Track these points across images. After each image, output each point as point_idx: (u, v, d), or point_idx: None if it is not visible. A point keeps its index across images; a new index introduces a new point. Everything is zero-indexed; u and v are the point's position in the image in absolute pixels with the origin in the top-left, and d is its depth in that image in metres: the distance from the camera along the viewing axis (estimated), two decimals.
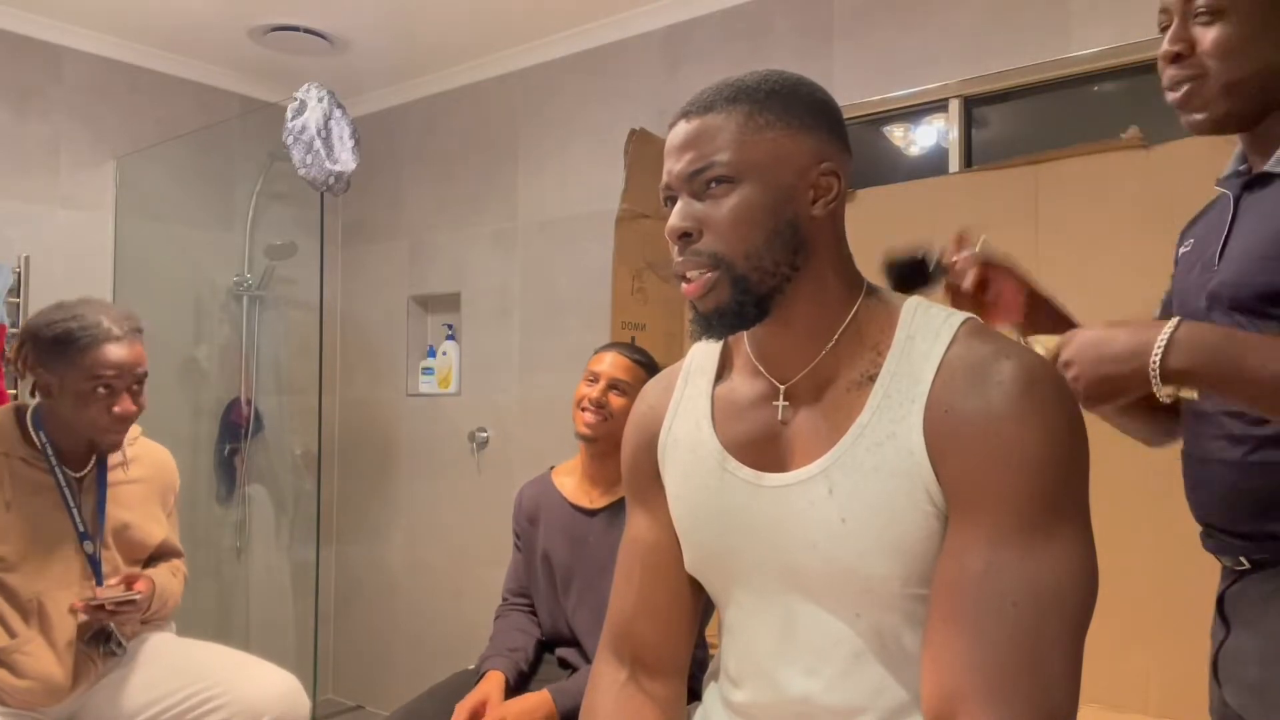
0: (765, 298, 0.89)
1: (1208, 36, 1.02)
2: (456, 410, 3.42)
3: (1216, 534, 1.04)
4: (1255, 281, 0.95)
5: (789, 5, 2.64)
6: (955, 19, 2.36)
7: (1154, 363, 0.92)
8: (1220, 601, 1.05)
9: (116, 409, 1.71)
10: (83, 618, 1.71)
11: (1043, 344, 1.03)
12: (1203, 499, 1.07)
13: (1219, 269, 1.02)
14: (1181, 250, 1.15)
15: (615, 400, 1.93)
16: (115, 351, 1.71)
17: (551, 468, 2.12)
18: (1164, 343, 0.92)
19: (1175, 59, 1.04)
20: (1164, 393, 0.93)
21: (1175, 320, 0.93)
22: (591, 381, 1.96)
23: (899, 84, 2.45)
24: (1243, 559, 1.00)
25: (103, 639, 1.75)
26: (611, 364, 1.96)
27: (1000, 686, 0.77)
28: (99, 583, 1.75)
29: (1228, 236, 1.03)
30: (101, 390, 1.69)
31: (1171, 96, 1.05)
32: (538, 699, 1.77)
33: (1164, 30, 1.06)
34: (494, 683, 1.84)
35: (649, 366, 1.99)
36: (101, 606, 1.69)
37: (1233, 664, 1.01)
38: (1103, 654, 1.22)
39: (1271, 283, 0.94)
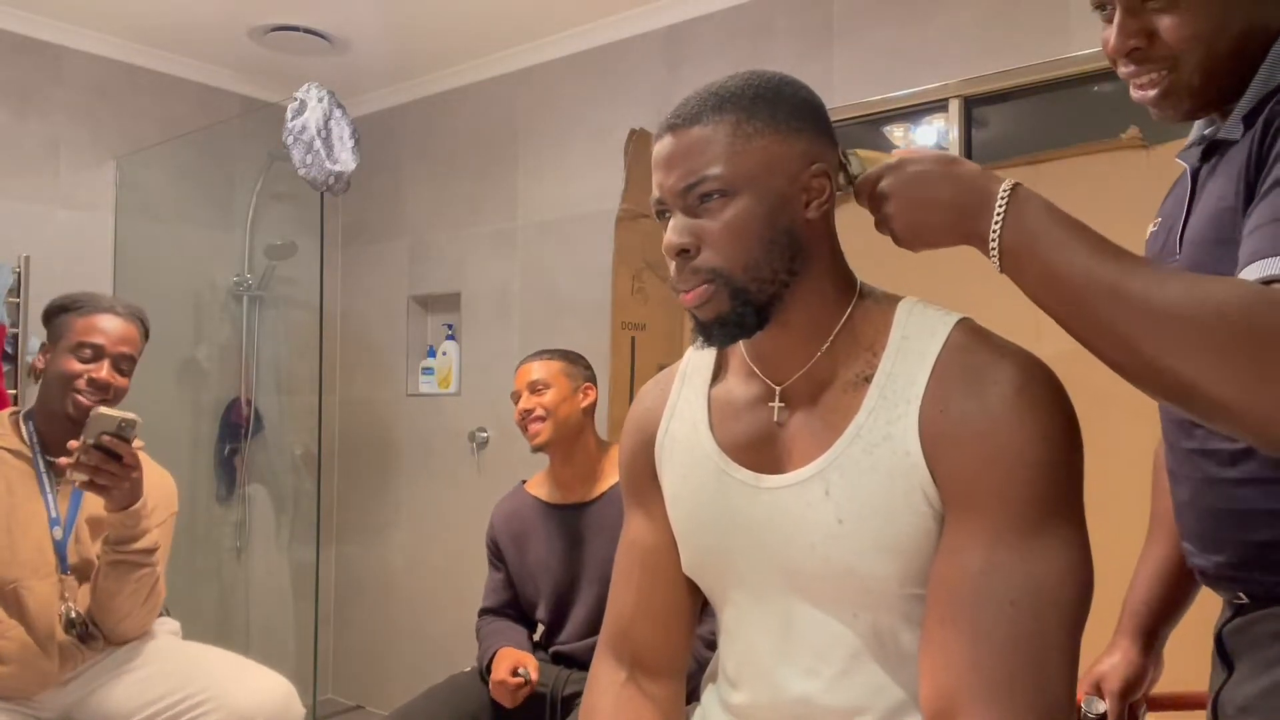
0: (764, 306, 0.88)
1: (1166, 23, 0.87)
2: (456, 410, 3.42)
3: (1207, 576, 0.94)
4: (1211, 271, 0.84)
5: (789, 5, 2.64)
6: (955, 19, 2.36)
7: (994, 236, 0.81)
8: (1219, 639, 0.93)
9: (94, 374, 1.74)
10: (75, 474, 1.61)
11: (863, 159, 0.91)
12: (1188, 538, 0.96)
13: (1180, 255, 0.92)
14: (1150, 229, 1.03)
15: (541, 399, 1.96)
16: (109, 321, 1.78)
17: (523, 482, 2.13)
18: (1001, 216, 0.80)
19: (1133, 53, 0.91)
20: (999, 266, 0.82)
21: (1009, 186, 0.81)
22: (516, 399, 2.01)
23: (899, 84, 2.45)
24: (1241, 594, 0.90)
25: (76, 625, 1.74)
26: (523, 374, 2.02)
27: (999, 685, 0.78)
28: (65, 570, 1.74)
29: (1187, 216, 0.92)
30: (87, 352, 1.75)
31: (1137, 95, 0.93)
32: None
33: (1098, 8, 0.93)
34: (515, 651, 1.89)
35: (561, 354, 2.04)
36: (92, 449, 1.57)
37: (1233, 713, 0.89)
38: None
39: (1220, 272, 0.82)
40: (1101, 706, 1.14)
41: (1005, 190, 0.81)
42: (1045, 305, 0.80)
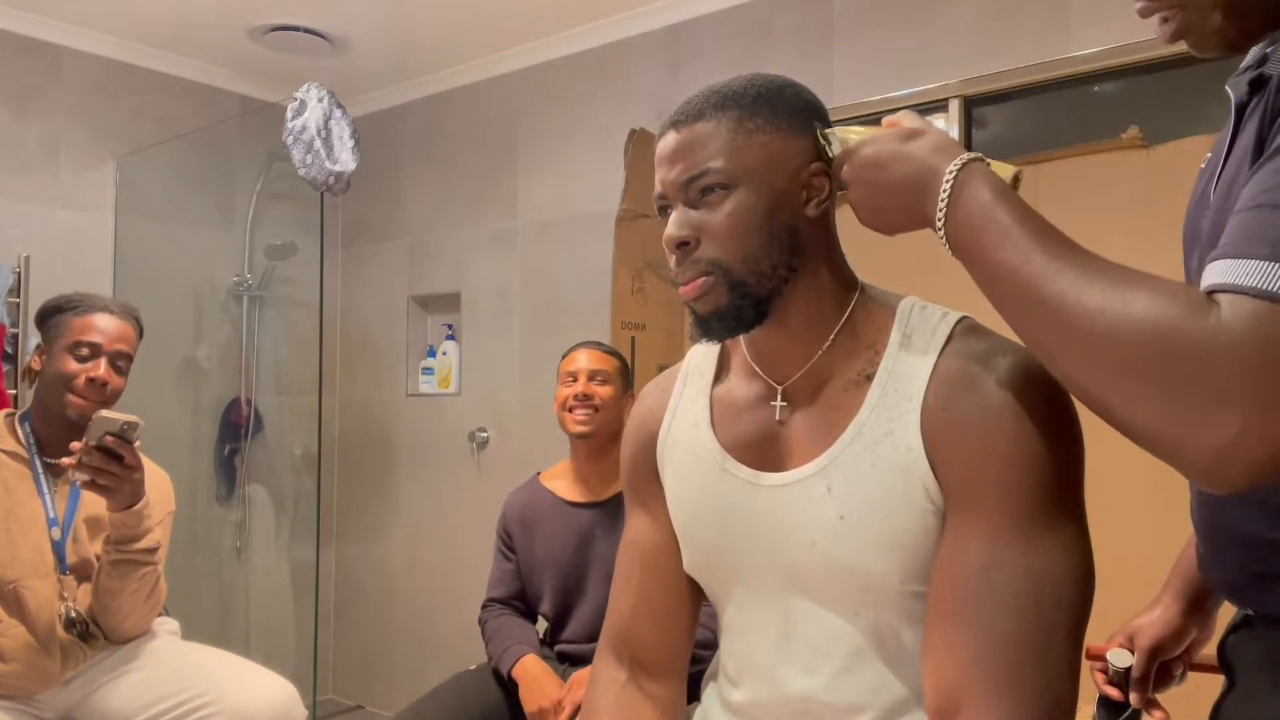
0: (764, 300, 0.89)
1: None
2: (456, 410, 3.42)
3: (1212, 584, 0.87)
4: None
5: (789, 5, 2.64)
6: (955, 19, 2.36)
7: (939, 223, 0.76)
8: (1221, 649, 0.86)
9: (92, 373, 1.74)
10: (78, 475, 1.62)
11: (842, 139, 0.88)
12: (1199, 550, 0.88)
13: (1209, 211, 0.79)
14: (1202, 164, 0.89)
15: (599, 390, 1.95)
16: (105, 319, 1.79)
17: (537, 474, 2.13)
18: (945, 202, 0.76)
19: None
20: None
21: (959, 163, 0.76)
22: (571, 381, 1.97)
23: (899, 84, 2.45)
24: (1249, 610, 0.82)
25: (76, 624, 1.74)
26: (586, 359, 1.98)
27: (1004, 680, 0.78)
28: (64, 570, 1.75)
29: (1224, 163, 0.78)
30: (84, 351, 1.75)
31: (1159, 34, 0.80)
32: None
33: None
34: (544, 668, 1.84)
35: (618, 355, 2.03)
36: (94, 450, 1.59)
37: None
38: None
39: None
40: (1128, 660, 1.07)
41: (952, 170, 0.76)
42: (990, 300, 0.75)
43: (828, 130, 0.90)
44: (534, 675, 1.82)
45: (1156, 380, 0.62)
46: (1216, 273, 0.63)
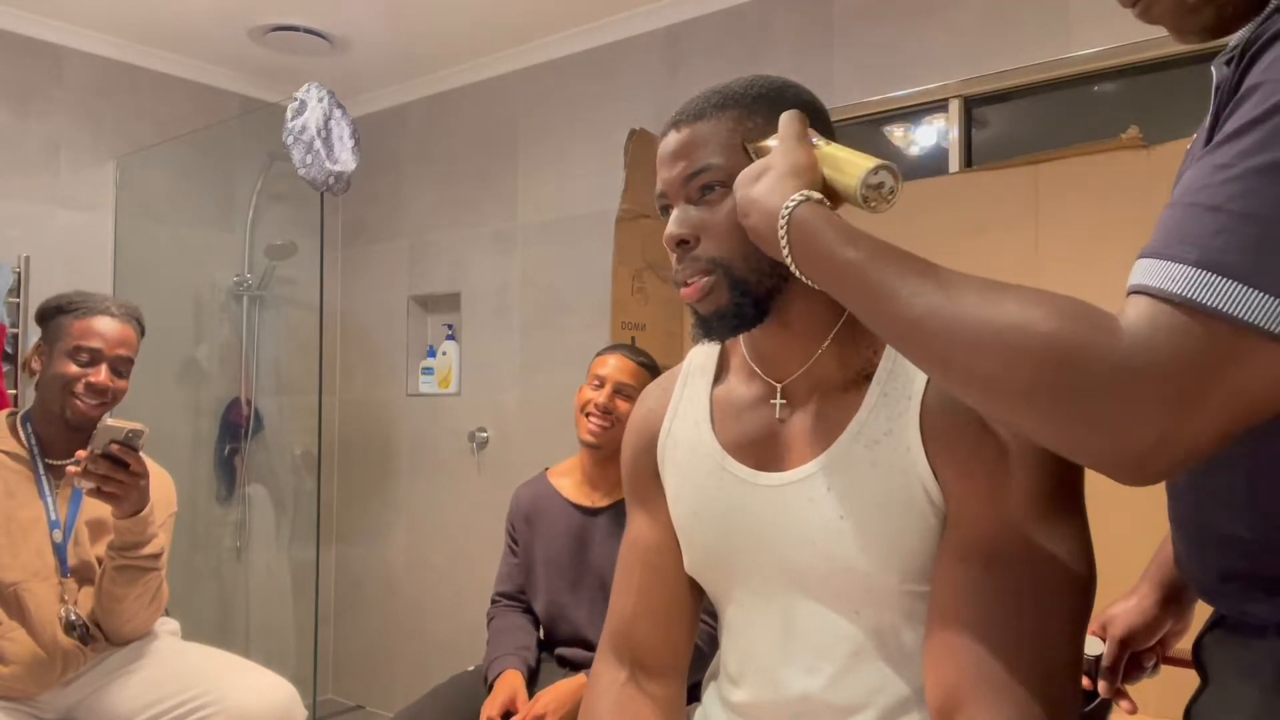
0: (764, 299, 0.89)
1: None
2: (456, 410, 3.42)
3: (1192, 585, 0.83)
4: None
5: (789, 5, 2.64)
6: (955, 19, 2.36)
7: (793, 269, 0.79)
8: (1197, 648, 0.82)
9: (93, 379, 1.74)
10: (84, 483, 1.63)
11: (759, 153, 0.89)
12: (1176, 548, 0.84)
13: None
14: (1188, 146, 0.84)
15: (621, 405, 1.90)
16: (105, 323, 1.77)
17: (546, 469, 2.12)
18: (789, 258, 0.78)
19: None
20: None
21: (786, 215, 0.77)
22: (597, 386, 1.92)
23: (899, 84, 2.45)
24: (1224, 612, 0.79)
25: (76, 627, 1.75)
26: (616, 368, 1.92)
27: (1005, 678, 0.78)
28: (65, 573, 1.75)
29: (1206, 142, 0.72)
30: (84, 356, 1.74)
31: (1135, 13, 0.77)
32: (573, 685, 1.76)
33: None
34: (515, 680, 1.83)
35: (652, 368, 1.97)
36: (100, 458, 1.59)
37: None
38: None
39: None
40: (1099, 648, 1.06)
41: (783, 222, 0.78)
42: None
43: (750, 144, 0.89)
44: (506, 688, 1.81)
45: (1069, 400, 0.60)
46: (1142, 271, 0.61)
